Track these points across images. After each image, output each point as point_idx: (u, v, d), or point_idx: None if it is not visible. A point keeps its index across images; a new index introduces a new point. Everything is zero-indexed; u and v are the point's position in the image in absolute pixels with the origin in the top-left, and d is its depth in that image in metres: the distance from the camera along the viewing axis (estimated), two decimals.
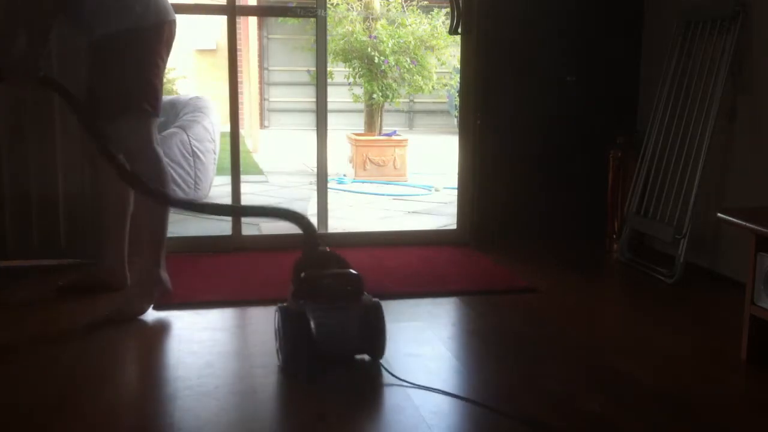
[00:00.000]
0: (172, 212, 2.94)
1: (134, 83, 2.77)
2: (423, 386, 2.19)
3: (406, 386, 2.19)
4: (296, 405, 2.14)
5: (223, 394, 2.14)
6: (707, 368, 2.42)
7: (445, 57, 8.14)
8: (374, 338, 2.32)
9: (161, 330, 2.68)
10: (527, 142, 4.08)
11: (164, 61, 2.88)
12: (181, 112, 5.88)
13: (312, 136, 4.25)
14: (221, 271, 3.45)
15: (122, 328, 2.68)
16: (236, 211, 3.60)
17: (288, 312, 2.29)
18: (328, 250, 2.48)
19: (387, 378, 2.26)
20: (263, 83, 12.83)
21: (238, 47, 3.83)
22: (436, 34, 7.90)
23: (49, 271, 3.37)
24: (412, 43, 7.79)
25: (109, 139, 2.65)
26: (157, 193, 2.69)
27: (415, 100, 12.85)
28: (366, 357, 2.38)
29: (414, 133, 11.82)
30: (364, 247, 3.85)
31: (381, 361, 2.35)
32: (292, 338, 2.25)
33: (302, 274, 2.37)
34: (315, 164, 4.04)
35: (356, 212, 5.47)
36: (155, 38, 2.80)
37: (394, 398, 2.12)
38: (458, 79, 4.30)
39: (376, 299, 2.36)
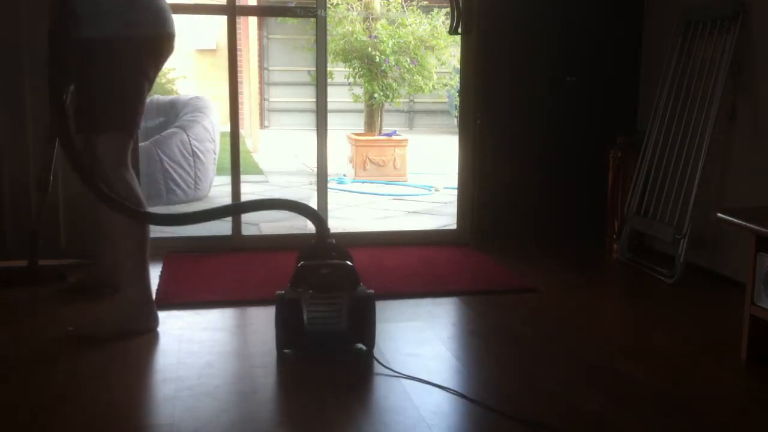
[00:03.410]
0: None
1: (110, 100, 2.56)
2: (421, 379, 2.20)
3: (400, 377, 2.20)
4: (296, 405, 2.14)
5: (223, 394, 2.14)
6: (707, 368, 2.42)
7: (445, 57, 8.14)
8: (364, 328, 2.43)
9: (161, 330, 2.68)
10: (527, 142, 4.08)
11: (149, 79, 2.65)
12: (181, 112, 5.89)
13: (312, 136, 4.25)
14: (221, 271, 3.45)
15: None
16: (244, 208, 3.52)
17: (284, 299, 2.40)
18: (334, 242, 2.55)
19: (384, 374, 2.26)
20: (263, 83, 12.83)
21: (238, 47, 3.83)
22: (436, 34, 7.90)
23: (49, 272, 3.37)
24: (412, 43, 7.79)
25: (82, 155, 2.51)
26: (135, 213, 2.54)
27: (415, 100, 12.85)
28: (362, 347, 2.46)
29: (414, 133, 11.81)
30: (364, 247, 3.85)
31: (376, 355, 2.42)
32: (286, 324, 2.39)
33: (300, 264, 2.49)
34: (315, 164, 4.04)
35: (356, 212, 5.47)
36: (142, 52, 2.57)
37: (394, 398, 2.12)
38: (458, 79, 4.30)
39: (370, 291, 2.45)
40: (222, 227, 3.99)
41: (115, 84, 2.55)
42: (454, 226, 4.24)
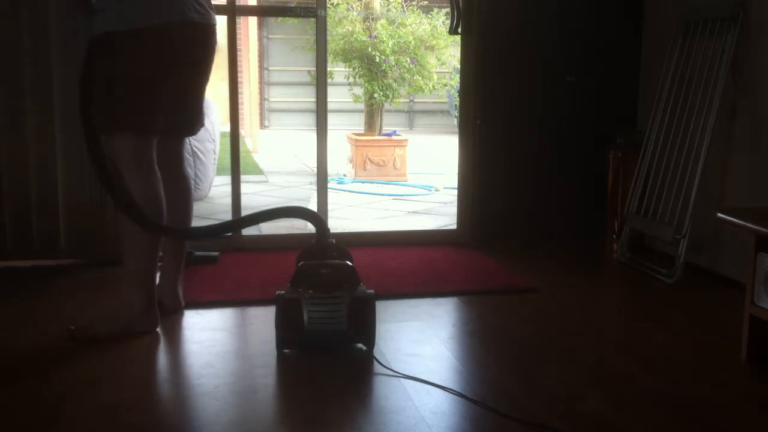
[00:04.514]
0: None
1: (106, 101, 2.46)
2: (421, 379, 2.20)
3: (400, 377, 2.20)
4: (296, 405, 2.14)
5: (223, 394, 2.14)
6: (707, 368, 2.42)
7: (445, 57, 8.14)
8: (364, 328, 2.42)
9: (161, 330, 2.68)
10: (527, 142, 4.08)
11: (160, 76, 2.49)
12: None
13: (312, 136, 4.25)
14: (221, 271, 3.45)
15: None
16: (243, 223, 3.50)
17: (284, 299, 2.40)
18: (334, 242, 2.55)
19: (384, 374, 2.26)
20: (263, 83, 12.83)
21: (238, 47, 3.83)
22: (436, 34, 7.90)
23: (49, 271, 3.38)
24: (412, 43, 7.79)
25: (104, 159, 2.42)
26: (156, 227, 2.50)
27: (415, 100, 12.86)
28: (362, 347, 2.46)
29: (414, 133, 11.82)
30: (364, 247, 3.85)
31: (376, 355, 2.42)
32: (286, 324, 2.39)
33: (300, 264, 2.49)
34: (315, 164, 4.04)
35: (356, 212, 5.47)
36: (138, 48, 2.43)
37: (394, 398, 2.12)
38: (458, 79, 4.30)
39: (370, 291, 2.45)
40: None
41: (112, 83, 2.46)
42: (454, 226, 4.24)
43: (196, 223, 3.03)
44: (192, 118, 2.76)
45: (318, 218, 2.56)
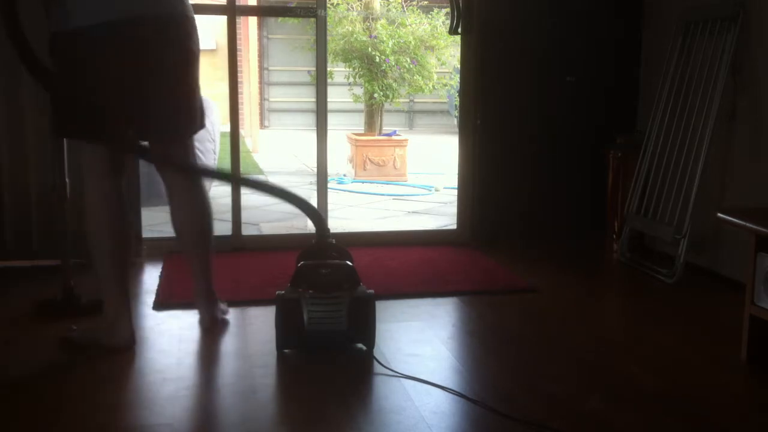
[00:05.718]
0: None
1: (53, 104, 2.36)
2: (421, 379, 2.20)
3: (400, 377, 2.20)
4: (296, 405, 2.14)
5: (223, 394, 2.14)
6: (707, 368, 2.42)
7: (445, 57, 8.14)
8: (364, 328, 2.43)
9: (161, 330, 2.68)
10: (527, 142, 4.08)
11: (103, 81, 2.28)
12: None
13: (312, 136, 4.25)
14: (221, 271, 3.44)
15: None
16: (245, 183, 3.51)
17: (284, 299, 2.40)
18: (334, 242, 2.55)
19: (384, 374, 2.26)
20: (263, 83, 12.83)
21: (238, 47, 3.83)
22: (436, 34, 7.90)
23: (49, 272, 3.37)
24: (412, 43, 7.79)
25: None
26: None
27: (415, 100, 12.85)
28: (362, 347, 2.46)
29: (414, 133, 11.82)
30: (364, 247, 3.85)
31: (376, 355, 2.42)
32: (286, 324, 2.39)
33: (300, 264, 2.49)
34: (315, 164, 4.04)
35: (356, 212, 5.47)
36: (73, 50, 2.26)
37: (394, 398, 2.12)
38: (458, 79, 4.30)
39: (370, 291, 2.45)
40: (222, 227, 3.99)
41: (56, 86, 2.34)
42: (454, 226, 4.24)
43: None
44: (167, 121, 2.51)
45: (318, 217, 2.55)
